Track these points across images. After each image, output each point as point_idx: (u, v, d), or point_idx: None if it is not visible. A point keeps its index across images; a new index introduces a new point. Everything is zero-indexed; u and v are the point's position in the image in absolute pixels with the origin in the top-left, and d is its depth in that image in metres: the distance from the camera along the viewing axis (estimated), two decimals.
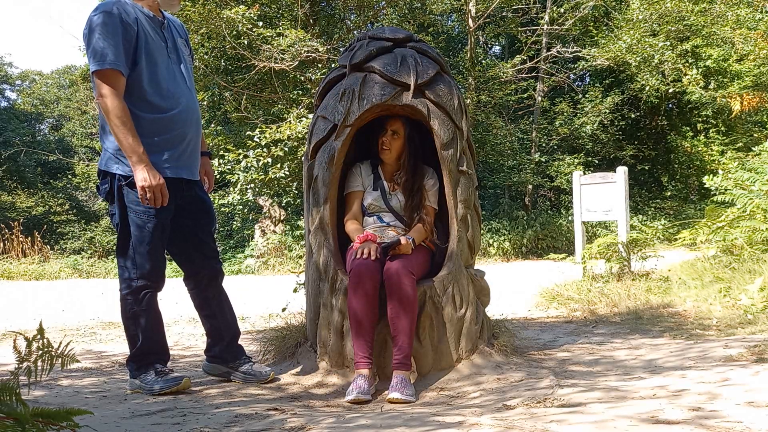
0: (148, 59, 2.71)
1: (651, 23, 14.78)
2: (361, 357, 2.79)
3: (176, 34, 2.92)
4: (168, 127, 2.75)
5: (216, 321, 3.08)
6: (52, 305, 7.13)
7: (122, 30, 2.63)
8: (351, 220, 3.17)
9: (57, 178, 23.97)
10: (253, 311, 6.09)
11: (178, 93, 2.79)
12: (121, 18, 2.63)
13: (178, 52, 2.88)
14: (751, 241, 5.67)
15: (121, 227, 2.79)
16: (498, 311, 4.79)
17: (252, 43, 12.07)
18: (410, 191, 3.14)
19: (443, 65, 3.30)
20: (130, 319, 2.84)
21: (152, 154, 2.71)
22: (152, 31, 2.76)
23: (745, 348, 3.21)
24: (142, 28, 2.71)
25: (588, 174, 7.79)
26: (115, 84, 2.61)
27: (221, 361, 3.10)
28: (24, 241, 14.45)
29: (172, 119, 2.76)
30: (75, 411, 1.90)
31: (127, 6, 2.71)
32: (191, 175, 2.89)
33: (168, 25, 2.87)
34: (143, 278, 2.77)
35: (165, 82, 2.76)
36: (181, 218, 2.90)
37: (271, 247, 13.97)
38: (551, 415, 2.17)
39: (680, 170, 18.81)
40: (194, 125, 2.86)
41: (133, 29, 2.66)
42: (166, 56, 2.80)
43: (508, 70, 15.69)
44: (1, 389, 1.73)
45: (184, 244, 2.96)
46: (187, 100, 2.82)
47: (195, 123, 2.87)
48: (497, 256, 14.24)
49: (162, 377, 2.82)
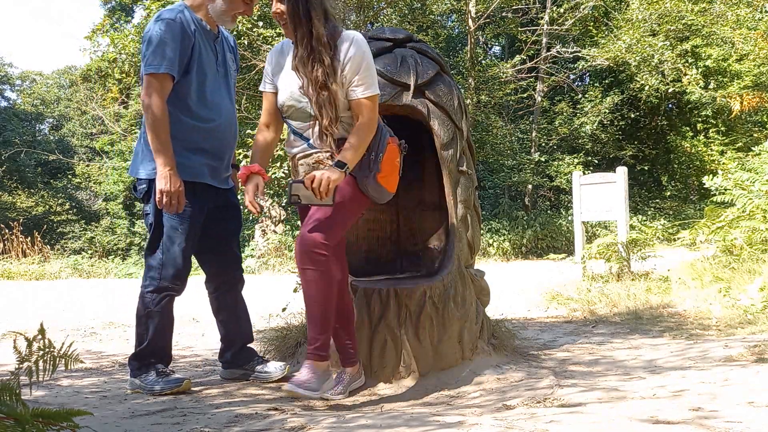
0: (199, 70, 2.78)
1: (651, 23, 14.79)
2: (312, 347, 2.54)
3: (227, 49, 2.97)
4: (207, 137, 2.82)
5: (230, 327, 3.07)
6: (52, 305, 7.13)
7: (181, 38, 2.70)
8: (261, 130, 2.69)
9: (57, 178, 23.98)
10: (253, 311, 6.08)
11: (221, 105, 2.86)
12: (182, 26, 2.72)
13: (226, 67, 2.94)
14: (751, 241, 5.67)
15: (154, 227, 2.82)
16: (498, 311, 4.79)
17: (252, 43, 12.08)
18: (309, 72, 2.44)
19: (443, 65, 3.30)
20: (143, 317, 2.83)
21: (191, 157, 2.77)
22: (206, 43, 2.83)
23: (745, 348, 3.21)
24: (198, 40, 2.78)
25: (588, 174, 7.80)
26: (163, 88, 2.68)
27: (235, 365, 3.09)
28: (24, 241, 14.45)
29: (213, 130, 2.83)
30: (75, 411, 1.90)
31: (189, 17, 2.78)
32: (225, 184, 2.94)
33: (221, 40, 2.93)
34: (167, 280, 2.78)
35: (210, 93, 2.82)
36: (211, 223, 2.92)
37: (271, 247, 13.97)
38: (551, 415, 2.17)
39: (680, 170, 18.81)
40: (232, 138, 2.94)
41: (191, 39, 2.74)
42: (215, 69, 2.86)
43: (508, 70, 15.70)
44: (1, 389, 1.73)
45: (210, 249, 2.98)
46: (227, 114, 2.90)
47: (233, 136, 2.95)
48: (497, 256, 14.25)
49: (163, 378, 2.82)
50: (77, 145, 25.77)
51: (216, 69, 2.87)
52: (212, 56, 2.86)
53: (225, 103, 2.89)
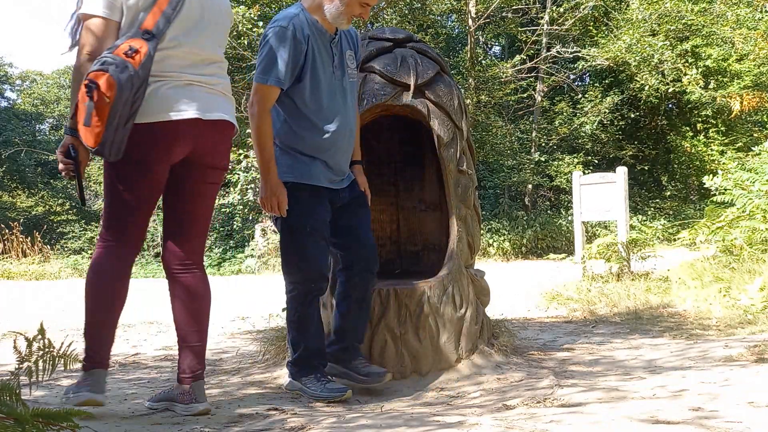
0: (312, 75, 2.75)
1: (650, 23, 14.79)
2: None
3: (345, 47, 2.88)
4: (323, 144, 2.78)
5: (345, 322, 2.90)
6: (52, 305, 7.12)
7: (293, 47, 2.67)
8: None
9: (57, 178, 23.97)
10: (253, 311, 6.09)
11: (335, 110, 2.80)
12: (294, 35, 2.67)
13: (344, 67, 2.85)
14: (751, 241, 5.67)
15: (282, 230, 2.83)
16: (498, 311, 4.79)
17: (252, 44, 12.08)
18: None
19: (443, 65, 3.30)
20: (293, 322, 2.79)
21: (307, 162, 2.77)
22: (322, 46, 2.77)
23: (745, 348, 3.21)
24: (312, 45, 2.73)
25: (588, 174, 7.80)
26: (269, 98, 2.70)
27: (336, 360, 2.90)
28: (24, 241, 14.44)
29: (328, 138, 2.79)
30: (75, 411, 1.91)
31: (303, 21, 2.72)
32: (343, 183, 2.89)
33: (338, 41, 2.84)
34: (307, 282, 2.74)
35: (325, 98, 2.78)
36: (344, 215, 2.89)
37: (271, 247, 13.97)
38: (551, 415, 2.17)
39: (680, 170, 18.82)
40: (348, 144, 2.87)
41: (303, 47, 2.70)
42: (331, 72, 2.79)
43: (508, 70, 15.70)
44: (1, 389, 1.73)
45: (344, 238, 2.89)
46: (343, 118, 2.82)
47: (349, 143, 2.87)
48: (497, 256, 14.25)
49: (325, 384, 2.73)
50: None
51: (332, 72, 2.79)
52: (328, 59, 2.78)
53: (340, 109, 2.81)
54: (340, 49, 2.83)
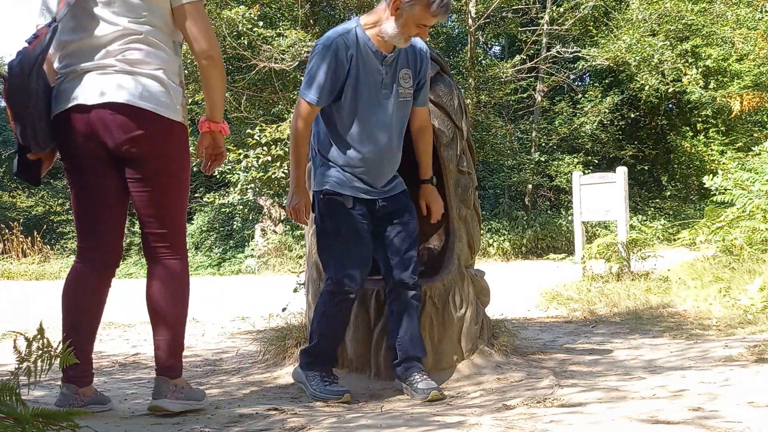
0: (353, 95, 2.74)
1: (650, 23, 14.78)
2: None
3: (402, 65, 2.79)
4: (356, 164, 2.79)
5: (391, 337, 2.86)
6: (52, 305, 7.12)
7: (334, 66, 2.67)
8: None
9: (57, 178, 23.96)
10: (253, 311, 6.09)
11: (372, 133, 2.78)
12: (336, 55, 2.67)
13: (395, 86, 2.79)
14: (751, 241, 5.67)
15: (316, 233, 2.89)
16: (498, 311, 4.79)
17: (252, 44, 12.09)
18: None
19: (443, 65, 3.30)
20: (319, 314, 2.81)
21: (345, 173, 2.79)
22: (370, 65, 2.73)
23: (745, 348, 3.21)
24: (357, 64, 2.71)
25: (588, 174, 7.80)
26: (306, 113, 2.74)
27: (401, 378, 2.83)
28: (24, 241, 14.45)
29: (361, 157, 2.79)
30: (75, 411, 1.91)
31: (352, 39, 2.70)
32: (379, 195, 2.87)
33: (394, 60, 2.76)
34: (340, 282, 2.75)
35: (363, 120, 2.76)
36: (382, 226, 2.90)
37: (271, 247, 13.97)
38: (551, 415, 2.17)
39: (680, 170, 18.80)
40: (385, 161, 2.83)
41: (345, 68, 2.70)
42: (377, 92, 2.75)
43: (508, 70, 15.69)
44: (1, 389, 1.73)
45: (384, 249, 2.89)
46: (381, 140, 2.79)
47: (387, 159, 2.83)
48: (497, 256, 14.24)
49: (326, 386, 2.74)
50: None
51: (379, 92, 2.75)
52: (375, 79, 2.74)
53: (379, 132, 2.78)
54: (394, 68, 2.77)
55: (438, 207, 3.03)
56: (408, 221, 2.90)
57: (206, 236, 16.60)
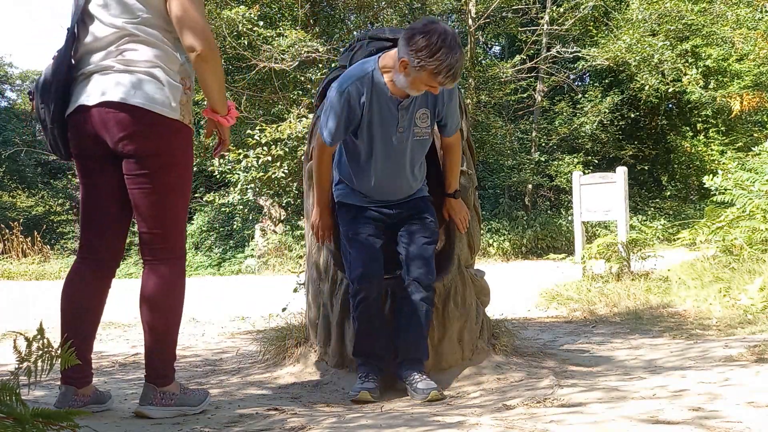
0: (368, 135, 2.80)
1: (650, 23, 14.78)
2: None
3: (420, 105, 2.78)
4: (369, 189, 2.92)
5: (396, 337, 2.86)
6: (52, 305, 7.11)
7: (346, 113, 2.73)
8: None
9: (57, 178, 23.96)
10: (253, 311, 6.09)
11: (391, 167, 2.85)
12: (348, 102, 2.71)
13: (410, 128, 2.80)
14: (751, 241, 5.67)
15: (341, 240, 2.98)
16: (498, 311, 4.79)
17: (252, 44, 12.09)
18: None
19: None
20: (353, 320, 2.87)
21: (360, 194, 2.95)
22: (385, 108, 2.74)
23: (745, 348, 3.21)
24: (371, 109, 2.74)
25: (588, 174, 7.80)
26: (322, 149, 2.85)
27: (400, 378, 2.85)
28: (24, 241, 14.45)
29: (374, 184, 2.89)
30: (75, 411, 1.91)
31: (367, 84, 2.71)
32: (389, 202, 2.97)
33: (410, 102, 2.76)
34: (355, 283, 2.80)
35: (377, 157, 2.84)
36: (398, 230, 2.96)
37: (271, 247, 13.97)
38: (551, 415, 2.17)
39: (680, 170, 18.80)
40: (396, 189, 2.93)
41: (357, 114, 2.74)
42: (393, 134, 2.79)
43: (508, 70, 15.70)
44: (1, 389, 1.73)
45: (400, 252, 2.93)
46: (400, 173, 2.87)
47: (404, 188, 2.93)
48: (497, 256, 14.24)
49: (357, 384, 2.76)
50: None
51: (394, 133, 2.77)
52: (391, 121, 2.76)
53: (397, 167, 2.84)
54: (411, 110, 2.78)
55: (462, 218, 3.08)
56: (426, 220, 2.94)
57: (206, 236, 16.61)
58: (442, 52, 2.47)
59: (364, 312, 2.81)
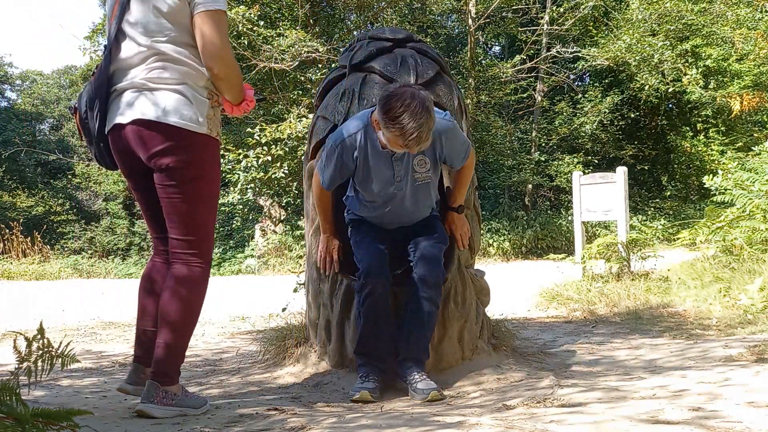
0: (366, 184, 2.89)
1: (650, 23, 14.78)
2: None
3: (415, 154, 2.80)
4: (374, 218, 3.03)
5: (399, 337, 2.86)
6: (52, 305, 7.13)
7: (339, 166, 2.83)
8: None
9: (57, 178, 23.97)
10: (253, 311, 6.10)
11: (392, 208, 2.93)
12: (341, 156, 2.80)
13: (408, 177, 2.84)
14: (751, 241, 5.66)
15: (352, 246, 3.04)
16: (498, 311, 4.79)
17: (252, 44, 12.08)
18: None
19: (443, 65, 3.30)
20: (358, 315, 2.89)
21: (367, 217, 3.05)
22: (380, 162, 2.81)
23: (745, 348, 3.21)
24: (365, 162, 2.82)
25: (588, 174, 7.79)
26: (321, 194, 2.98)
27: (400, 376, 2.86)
28: (24, 241, 14.45)
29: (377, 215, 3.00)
30: (75, 411, 1.90)
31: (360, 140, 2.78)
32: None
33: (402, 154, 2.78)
34: (361, 277, 2.83)
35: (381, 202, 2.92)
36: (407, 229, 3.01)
37: (271, 247, 13.97)
38: (551, 415, 2.17)
39: (680, 170, 18.80)
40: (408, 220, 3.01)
41: (350, 167, 2.85)
42: (390, 183, 2.85)
43: (508, 70, 15.70)
44: (1, 389, 1.73)
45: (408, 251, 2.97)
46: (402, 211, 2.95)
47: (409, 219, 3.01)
48: (497, 256, 14.24)
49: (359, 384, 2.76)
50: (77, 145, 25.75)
51: (391, 183, 2.84)
52: (387, 174, 2.83)
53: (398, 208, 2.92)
54: (407, 160, 2.82)
55: (463, 234, 3.09)
56: (431, 227, 2.98)
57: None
58: (404, 118, 2.51)
59: (370, 307, 2.80)
